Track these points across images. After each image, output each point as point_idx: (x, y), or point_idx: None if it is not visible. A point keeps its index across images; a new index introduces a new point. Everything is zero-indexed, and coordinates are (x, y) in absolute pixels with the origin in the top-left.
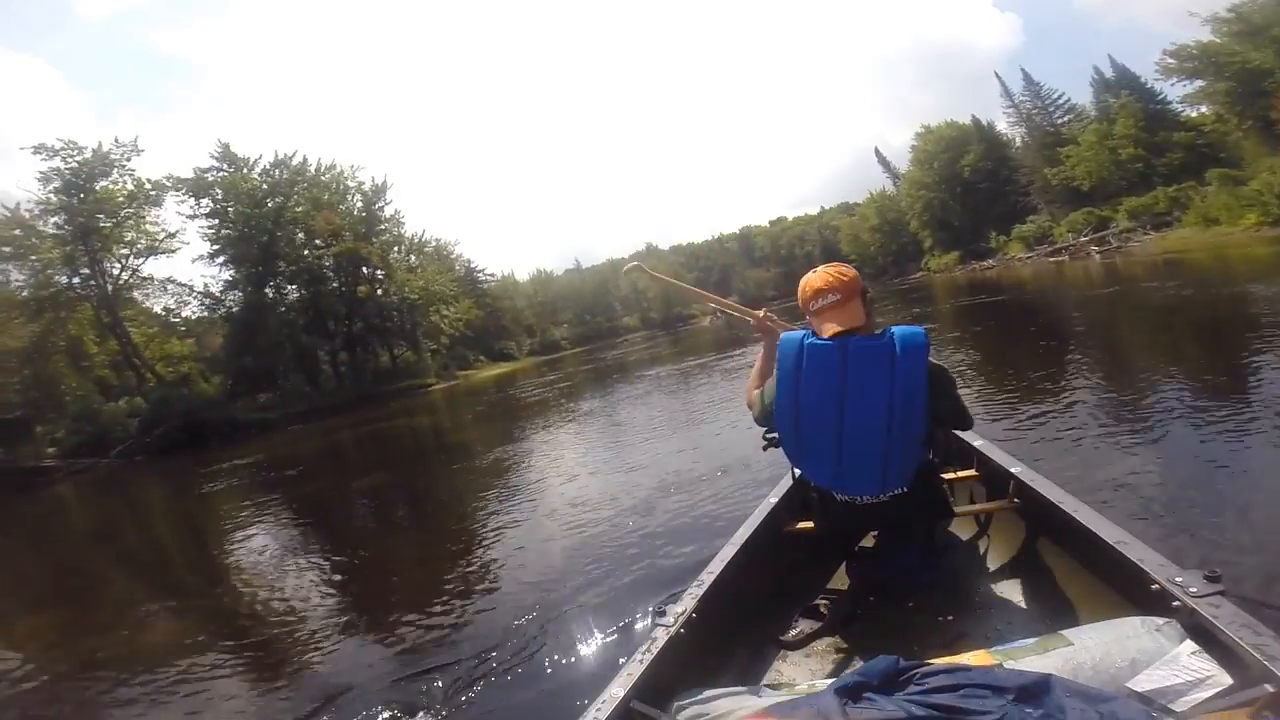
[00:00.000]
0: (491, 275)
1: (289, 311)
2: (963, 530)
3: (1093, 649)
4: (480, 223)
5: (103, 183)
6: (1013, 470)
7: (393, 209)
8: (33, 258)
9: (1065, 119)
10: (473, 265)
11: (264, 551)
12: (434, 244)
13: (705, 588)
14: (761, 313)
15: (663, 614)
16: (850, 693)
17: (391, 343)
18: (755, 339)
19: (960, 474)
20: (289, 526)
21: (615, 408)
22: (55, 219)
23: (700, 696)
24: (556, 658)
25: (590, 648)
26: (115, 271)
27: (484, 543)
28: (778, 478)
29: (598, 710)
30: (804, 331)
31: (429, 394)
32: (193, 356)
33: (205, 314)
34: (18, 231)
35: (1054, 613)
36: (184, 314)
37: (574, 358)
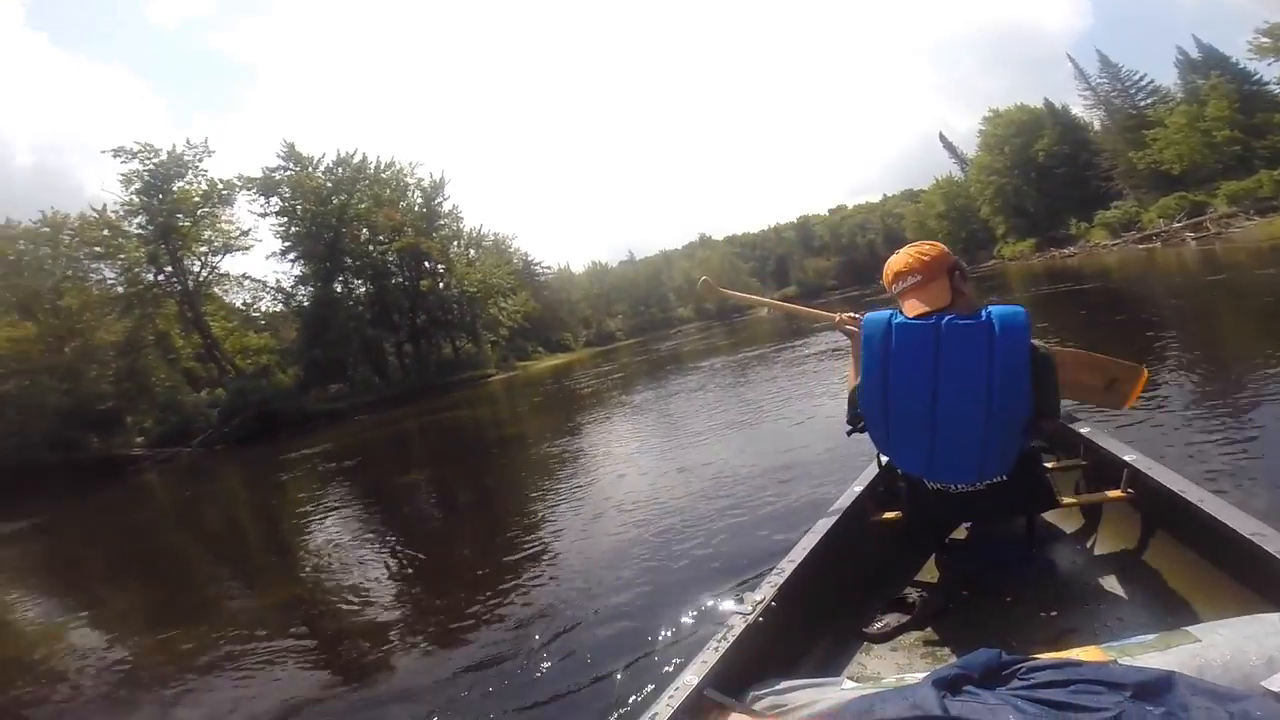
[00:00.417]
0: (548, 268)
1: (356, 305)
2: (1065, 522)
3: (1222, 646)
4: (537, 216)
5: (179, 183)
6: (1126, 459)
7: (451, 204)
8: (120, 256)
9: (1148, 101)
10: (530, 258)
11: (331, 539)
12: (492, 238)
13: (785, 576)
14: (838, 317)
15: (740, 601)
16: (949, 685)
17: (453, 335)
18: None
19: (1064, 462)
20: (355, 515)
21: (672, 399)
22: (138, 219)
23: (777, 687)
24: (627, 645)
25: (661, 636)
26: (195, 269)
27: (548, 531)
28: (851, 470)
29: (670, 698)
30: (891, 311)
31: (489, 385)
32: (269, 349)
33: (279, 308)
34: (106, 232)
35: (1174, 609)
36: (260, 308)
37: (629, 349)
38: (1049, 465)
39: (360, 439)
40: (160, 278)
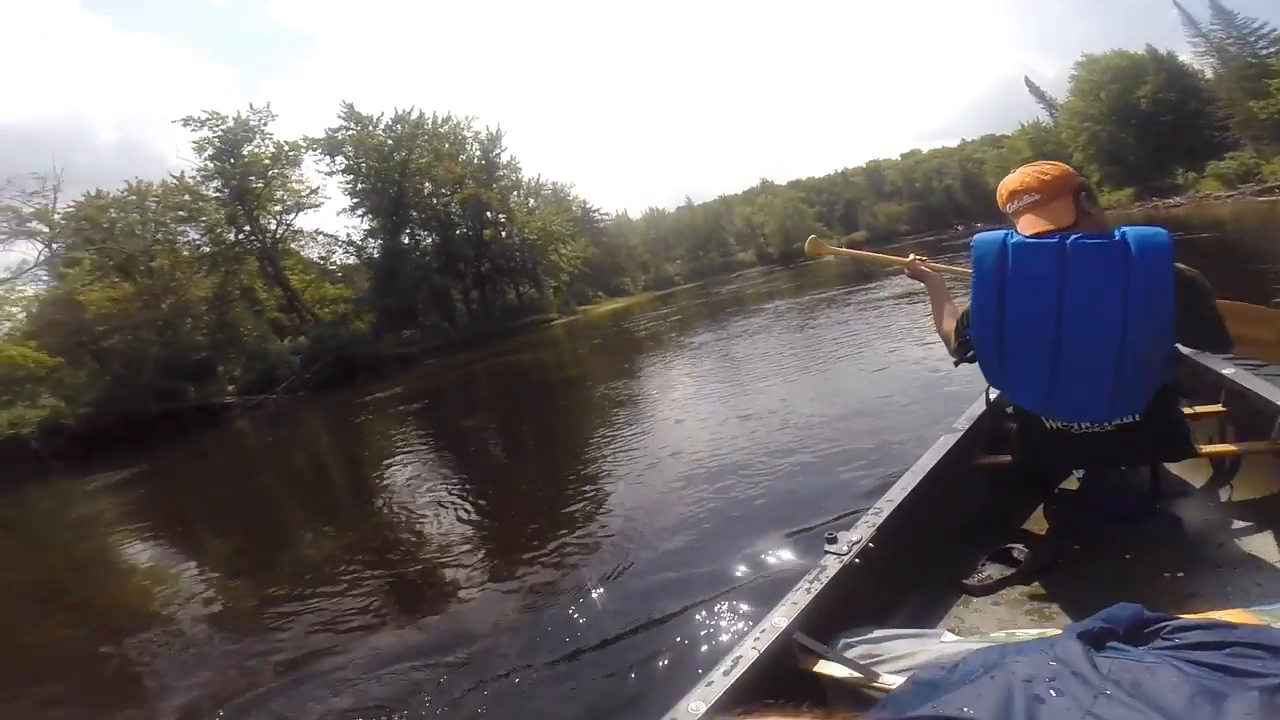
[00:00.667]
0: (606, 214)
1: (423, 255)
2: (1193, 475)
3: None
4: (594, 165)
5: (248, 148)
6: None
7: (508, 155)
8: (202, 219)
9: (1270, 50)
10: (588, 205)
11: (404, 480)
12: (550, 187)
13: (883, 518)
14: (910, 257)
15: (833, 541)
16: (1093, 639)
17: (516, 281)
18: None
19: (1201, 408)
20: (425, 456)
21: (735, 342)
22: (214, 183)
23: (870, 635)
24: (700, 585)
25: (737, 575)
26: (271, 226)
27: (612, 473)
28: (943, 418)
29: (756, 640)
30: (1005, 230)
31: (551, 329)
32: (345, 299)
33: (352, 260)
34: (186, 197)
35: None
36: (335, 261)
37: (687, 293)
38: (1184, 410)
39: (430, 382)
40: (240, 236)
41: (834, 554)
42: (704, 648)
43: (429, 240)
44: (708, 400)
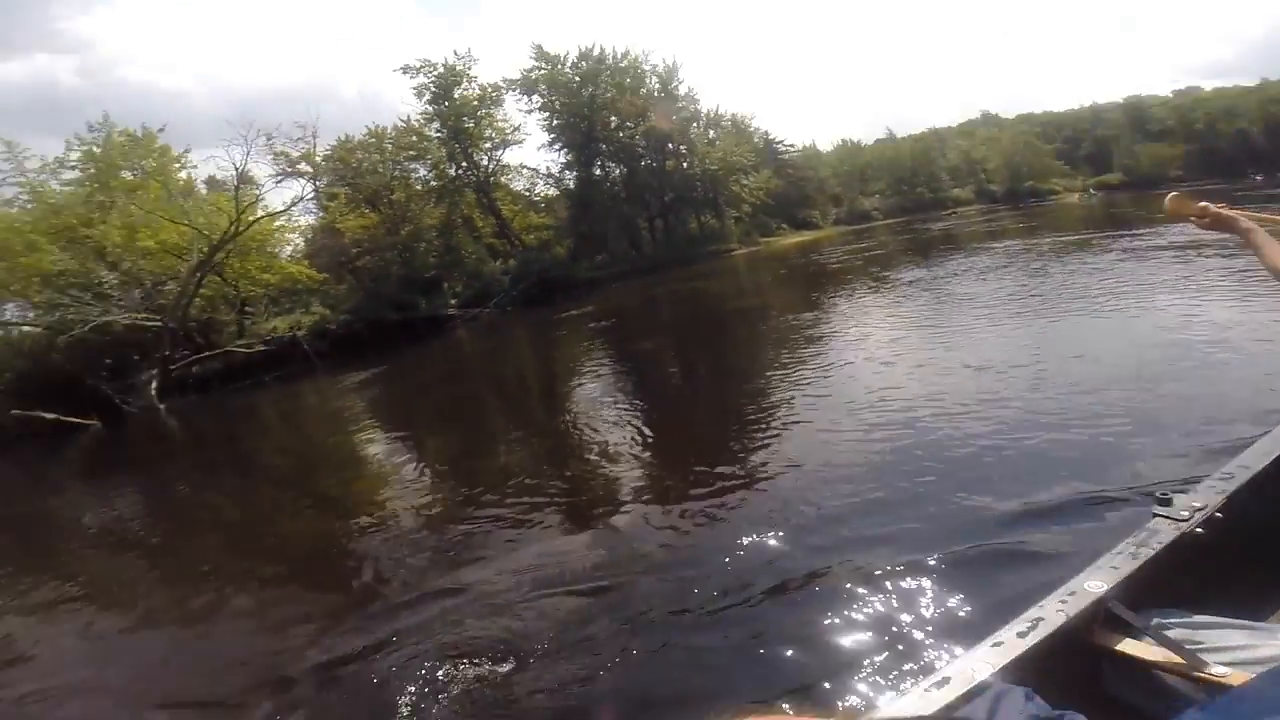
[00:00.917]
0: (791, 146)
1: (613, 186)
2: None
3: None
4: (776, 96)
5: (458, 91)
6: None
7: (685, 88)
8: (427, 157)
9: None
10: (770, 136)
11: (589, 395)
12: (730, 118)
13: (1235, 485)
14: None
15: (1167, 503)
16: None
17: (698, 211)
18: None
19: None
20: (610, 371)
21: (955, 280)
22: (434, 125)
23: (1194, 619)
24: (919, 543)
25: (982, 537)
26: (484, 163)
27: (805, 407)
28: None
29: (1063, 603)
30: None
31: (731, 258)
32: (547, 226)
33: (552, 191)
34: (414, 138)
35: None
36: (538, 192)
37: (886, 228)
38: None
39: (617, 303)
40: (458, 171)
41: (1168, 518)
42: (988, 602)
43: (617, 172)
44: (926, 345)
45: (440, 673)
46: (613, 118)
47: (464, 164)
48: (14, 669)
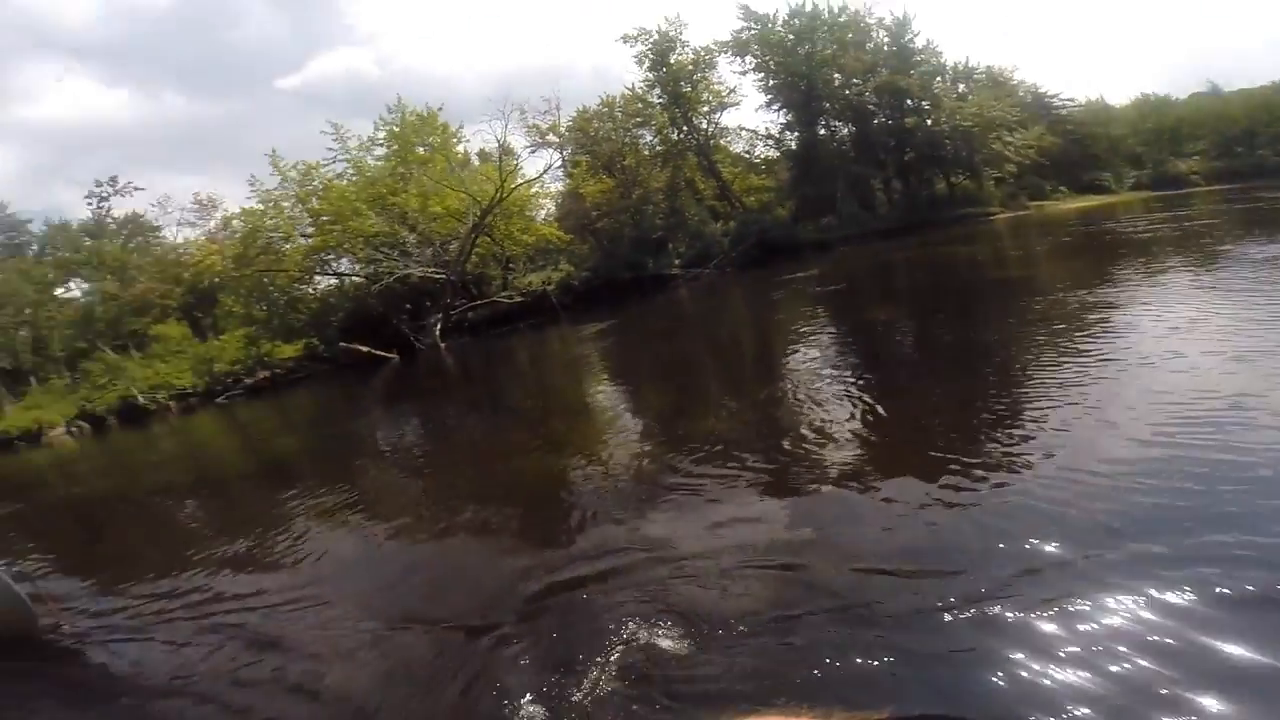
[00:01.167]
0: (1069, 100)
1: (840, 145)
2: None
3: None
4: (1045, 49)
5: (673, 56)
6: None
7: (923, 40)
8: (652, 123)
9: None
10: (1041, 90)
11: (808, 363)
12: (984, 71)
13: None
14: None
15: None
16: None
17: (947, 171)
18: None
19: None
20: (831, 342)
21: None
22: (655, 91)
23: None
24: None
25: None
26: (703, 126)
27: (1095, 404)
28: None
29: None
30: None
31: (990, 223)
32: (768, 188)
33: (772, 153)
34: (640, 105)
35: None
36: (758, 154)
37: (1206, 196)
38: None
39: (844, 268)
40: (680, 136)
41: None
42: None
43: (845, 130)
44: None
45: (637, 625)
46: (835, 75)
47: (684, 128)
48: (297, 568)
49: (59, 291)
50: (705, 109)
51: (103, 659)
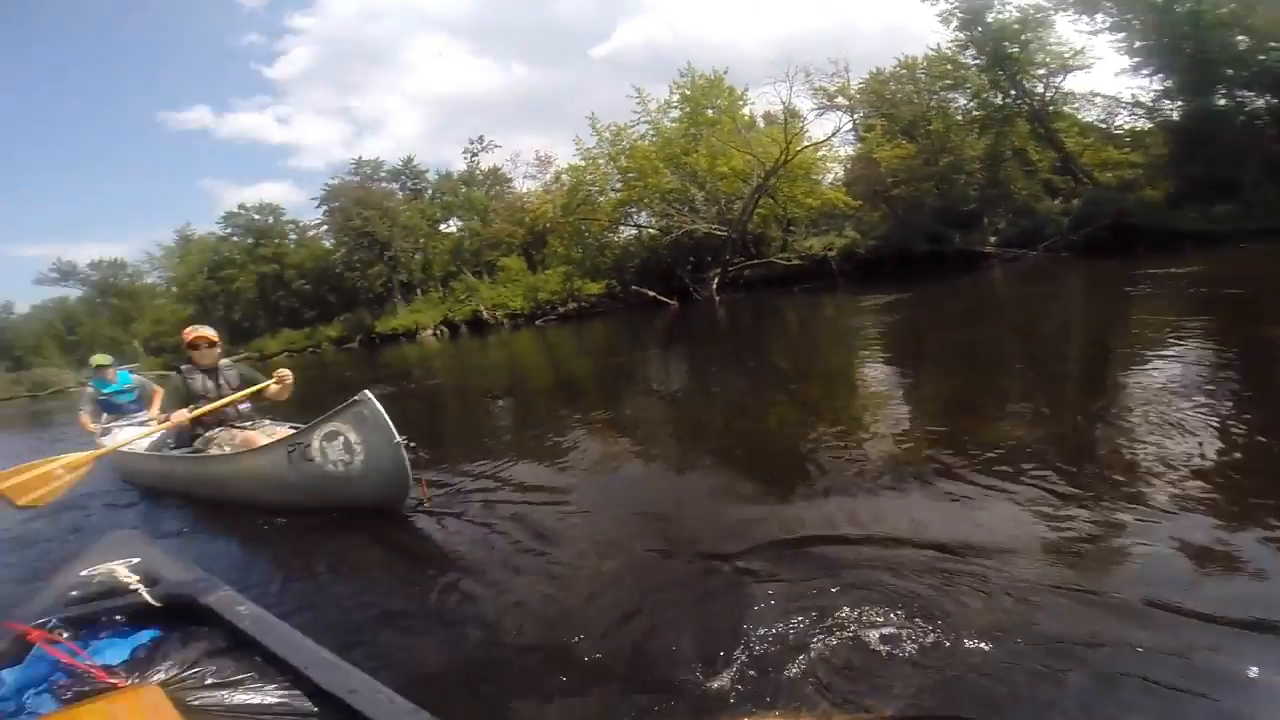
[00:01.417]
0: None
1: (1250, 120)
2: None
3: None
4: None
5: (990, 15)
6: None
7: None
8: (966, 86)
9: None
10: None
11: (1169, 375)
12: None
13: None
14: None
15: None
16: None
17: None
18: None
19: None
20: (1205, 356)
21: None
22: (969, 51)
23: None
24: None
25: None
26: (1038, 90)
27: None
28: None
29: None
30: None
31: None
32: (1132, 164)
33: (1141, 124)
34: (949, 66)
35: None
36: (1119, 125)
37: None
38: None
39: (1248, 268)
40: (1005, 100)
41: None
42: None
43: (1261, 103)
44: None
45: (864, 626)
46: (1238, 35)
47: (1012, 92)
48: (569, 474)
49: (442, 227)
50: (1041, 72)
51: (430, 531)
